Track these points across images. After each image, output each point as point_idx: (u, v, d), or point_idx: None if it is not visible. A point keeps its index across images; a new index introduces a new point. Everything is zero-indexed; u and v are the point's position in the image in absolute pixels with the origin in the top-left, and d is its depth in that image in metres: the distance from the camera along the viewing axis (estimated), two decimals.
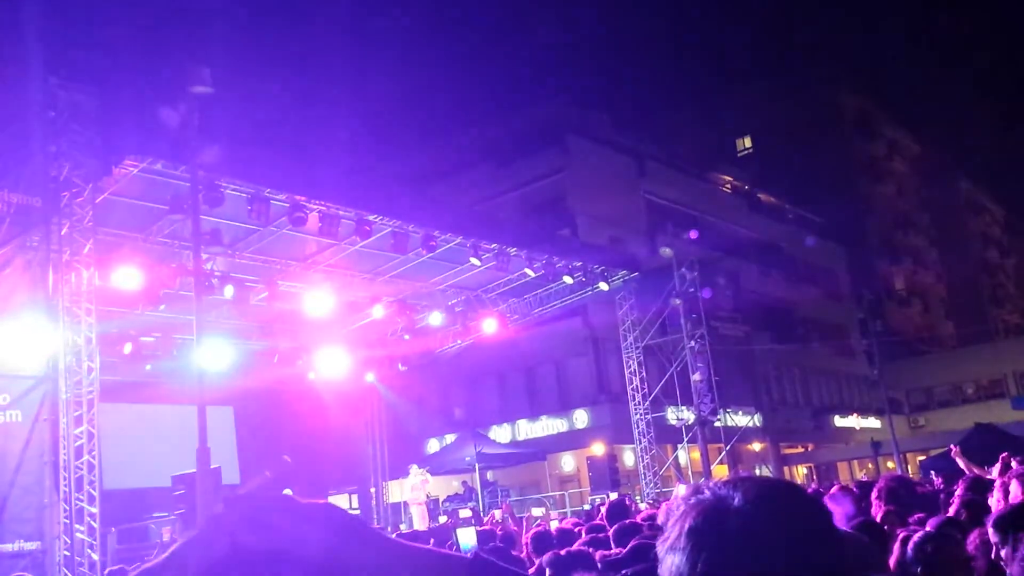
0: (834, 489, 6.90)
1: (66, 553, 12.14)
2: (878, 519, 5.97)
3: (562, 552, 4.78)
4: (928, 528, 3.42)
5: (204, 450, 11.30)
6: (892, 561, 3.30)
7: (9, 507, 11.95)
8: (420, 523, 19.83)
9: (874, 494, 6.78)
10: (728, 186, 44.04)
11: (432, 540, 10.56)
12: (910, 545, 3.24)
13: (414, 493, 21.20)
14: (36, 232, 12.89)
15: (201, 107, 12.14)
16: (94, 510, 12.73)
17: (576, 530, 7.26)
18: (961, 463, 10.13)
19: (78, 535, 12.38)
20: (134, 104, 13.27)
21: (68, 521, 12.34)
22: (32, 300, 12.75)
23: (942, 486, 10.10)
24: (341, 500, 27.18)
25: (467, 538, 5.44)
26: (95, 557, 12.70)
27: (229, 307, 17.87)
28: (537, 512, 23.67)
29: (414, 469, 21.54)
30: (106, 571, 10.13)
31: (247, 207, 14.33)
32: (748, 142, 56.53)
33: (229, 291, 16.68)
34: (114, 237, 14.99)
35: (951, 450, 10.75)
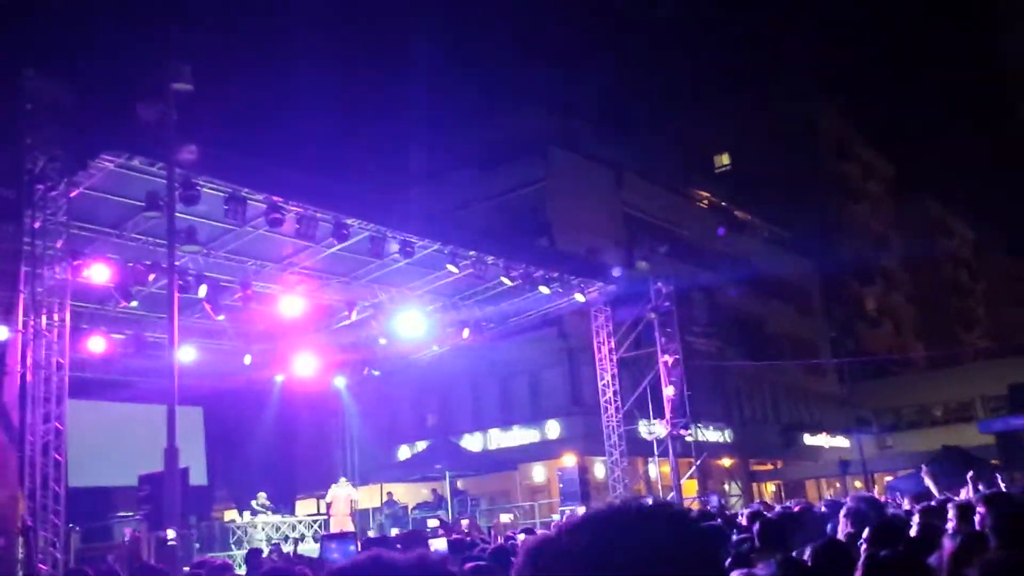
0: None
1: (26, 551, 11.95)
2: (843, 539, 6.02)
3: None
4: (892, 550, 3.44)
5: (172, 450, 11.17)
6: None
7: None
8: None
9: (842, 513, 6.84)
10: (705, 202, 44.35)
11: (398, 546, 10.51)
12: (875, 566, 3.27)
13: (338, 506, 20.15)
14: (8, 224, 12.72)
15: (180, 104, 12.05)
16: (59, 508, 12.57)
17: None
18: (930, 484, 10.24)
19: (41, 533, 12.20)
20: (112, 99, 13.18)
21: (32, 518, 12.15)
22: (3, 292, 12.58)
23: (908, 507, 10.19)
24: (309, 504, 27.01)
25: (439, 547, 5.44)
26: (58, 556, 12.53)
27: (201, 306, 17.68)
28: (505, 518, 23.61)
29: (343, 481, 20.66)
30: (66, 570, 9.99)
31: (224, 206, 14.24)
32: (726, 159, 56.98)
33: (203, 290, 16.54)
34: (88, 232, 14.84)
35: (921, 470, 10.88)
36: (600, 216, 32.76)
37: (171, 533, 11.39)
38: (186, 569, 11.59)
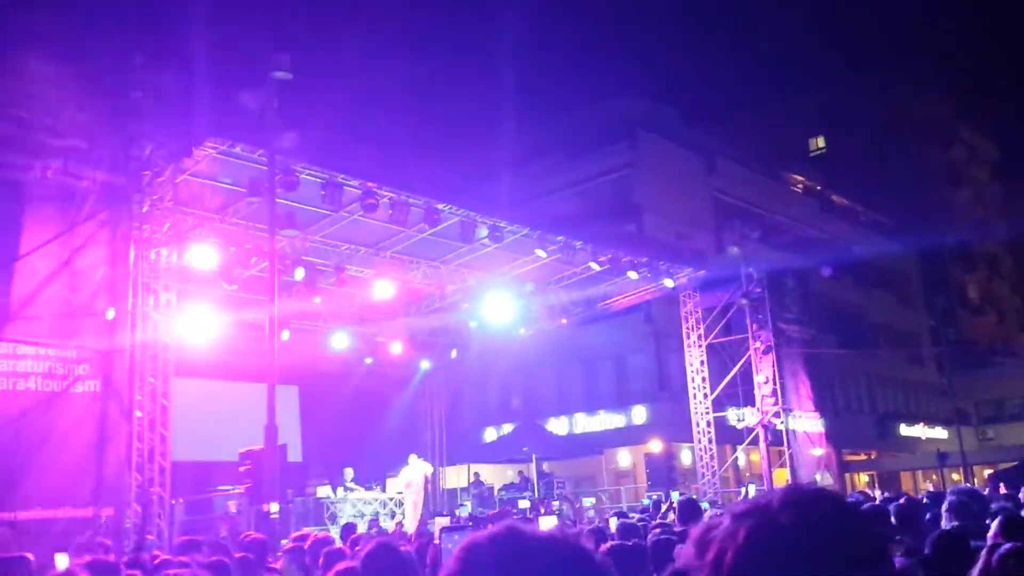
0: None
1: (135, 521, 12.57)
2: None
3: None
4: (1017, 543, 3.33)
5: (272, 427, 11.56)
6: (976, 572, 3.25)
7: (85, 473, 12.40)
8: (412, 517, 18.81)
9: (944, 507, 6.63)
10: (799, 186, 43.22)
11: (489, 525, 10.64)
12: (995, 556, 3.19)
13: (410, 488, 19.79)
14: (119, 209, 13.31)
15: (280, 92, 12.38)
16: (164, 480, 13.17)
17: (640, 525, 7.27)
18: None
19: (147, 504, 12.81)
20: (215, 87, 13.60)
21: (139, 490, 12.77)
22: (113, 275, 13.18)
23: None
24: (397, 482, 27.55)
25: (548, 526, 5.57)
26: (163, 526, 13.14)
27: (299, 288, 18.16)
28: (588, 502, 23.63)
29: (413, 459, 20.36)
30: (178, 540, 10.43)
31: (320, 192, 14.60)
32: (821, 142, 55.33)
33: (300, 273, 17.00)
34: (192, 216, 15.41)
35: None
36: (689, 201, 32.29)
37: (274, 507, 11.81)
38: (284, 542, 12.01)
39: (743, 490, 21.43)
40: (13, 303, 12.16)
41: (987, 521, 5.52)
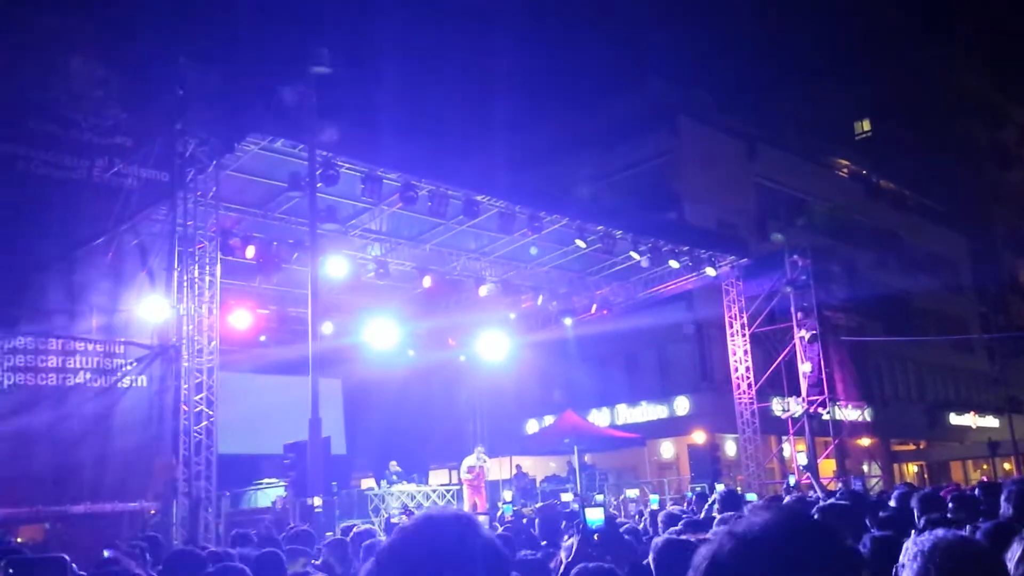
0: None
1: (184, 514, 12.74)
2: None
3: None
4: None
5: (316, 420, 11.62)
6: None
7: (133, 467, 12.59)
8: (469, 508, 18.61)
9: (1003, 496, 6.45)
10: (844, 171, 42.44)
11: (536, 520, 10.62)
12: None
13: (470, 475, 19.89)
14: (163, 206, 13.46)
15: (320, 87, 12.41)
16: (210, 473, 13.32)
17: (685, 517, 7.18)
18: None
19: (195, 497, 12.97)
20: (256, 83, 13.67)
21: (187, 483, 12.93)
22: (159, 271, 13.33)
23: None
24: (441, 475, 27.68)
25: (595, 516, 5.56)
26: (210, 518, 13.30)
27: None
28: (631, 494, 23.48)
29: (478, 450, 20.35)
30: (232, 532, 10.55)
31: (360, 185, 14.64)
32: (867, 125, 54.26)
33: (340, 268, 17.08)
34: (235, 212, 15.55)
35: None
36: (731, 188, 31.85)
37: (318, 500, 11.88)
38: (329, 534, 12.09)
39: (790, 479, 21.16)
40: (62, 300, 12.35)
41: None
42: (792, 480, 20.73)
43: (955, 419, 40.22)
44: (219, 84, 13.57)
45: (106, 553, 6.10)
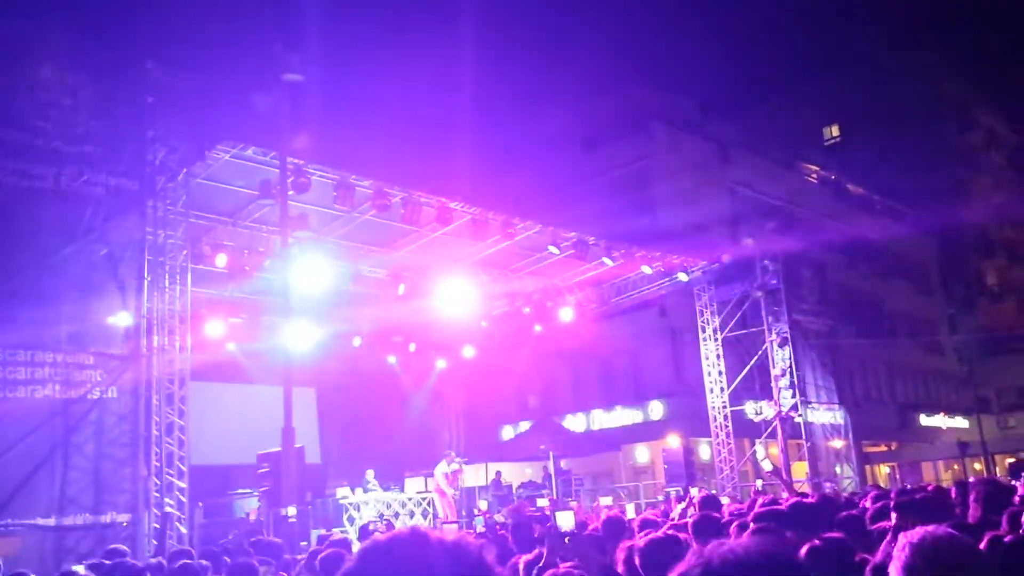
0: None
1: (155, 526, 12.61)
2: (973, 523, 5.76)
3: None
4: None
5: (289, 429, 11.54)
6: None
7: (104, 480, 12.44)
8: (444, 515, 18.95)
9: (971, 497, 6.54)
10: (814, 175, 42.89)
11: (510, 526, 10.61)
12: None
13: (445, 481, 19.96)
14: (133, 214, 13.33)
15: (291, 94, 12.36)
16: (183, 485, 13.20)
17: (661, 522, 7.20)
18: None
19: (167, 509, 12.84)
20: (227, 90, 13.60)
21: (158, 495, 12.80)
22: (128, 280, 13.20)
23: None
24: (417, 482, 27.57)
25: (565, 521, 5.61)
26: (183, 530, 13.17)
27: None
28: (605, 501, 23.55)
29: (452, 456, 20.48)
30: (199, 551, 10.45)
31: (332, 193, 14.58)
32: (836, 131, 54.90)
33: (312, 272, 16.98)
34: (205, 221, 15.43)
35: None
36: (704, 192, 32.06)
37: (292, 510, 11.81)
38: (304, 544, 12.02)
39: (758, 483, 21.32)
40: (30, 311, 12.20)
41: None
42: (760, 484, 20.93)
43: (925, 420, 40.67)
44: (189, 91, 13.48)
45: (80, 569, 6.04)
